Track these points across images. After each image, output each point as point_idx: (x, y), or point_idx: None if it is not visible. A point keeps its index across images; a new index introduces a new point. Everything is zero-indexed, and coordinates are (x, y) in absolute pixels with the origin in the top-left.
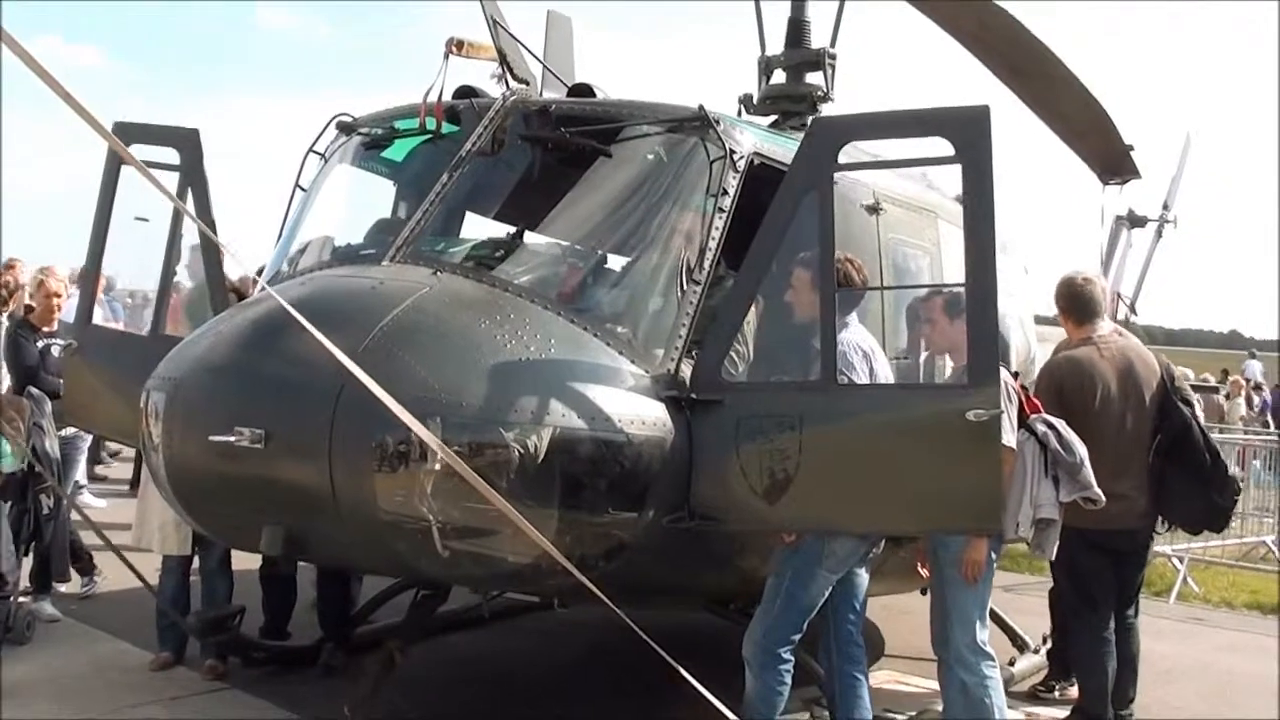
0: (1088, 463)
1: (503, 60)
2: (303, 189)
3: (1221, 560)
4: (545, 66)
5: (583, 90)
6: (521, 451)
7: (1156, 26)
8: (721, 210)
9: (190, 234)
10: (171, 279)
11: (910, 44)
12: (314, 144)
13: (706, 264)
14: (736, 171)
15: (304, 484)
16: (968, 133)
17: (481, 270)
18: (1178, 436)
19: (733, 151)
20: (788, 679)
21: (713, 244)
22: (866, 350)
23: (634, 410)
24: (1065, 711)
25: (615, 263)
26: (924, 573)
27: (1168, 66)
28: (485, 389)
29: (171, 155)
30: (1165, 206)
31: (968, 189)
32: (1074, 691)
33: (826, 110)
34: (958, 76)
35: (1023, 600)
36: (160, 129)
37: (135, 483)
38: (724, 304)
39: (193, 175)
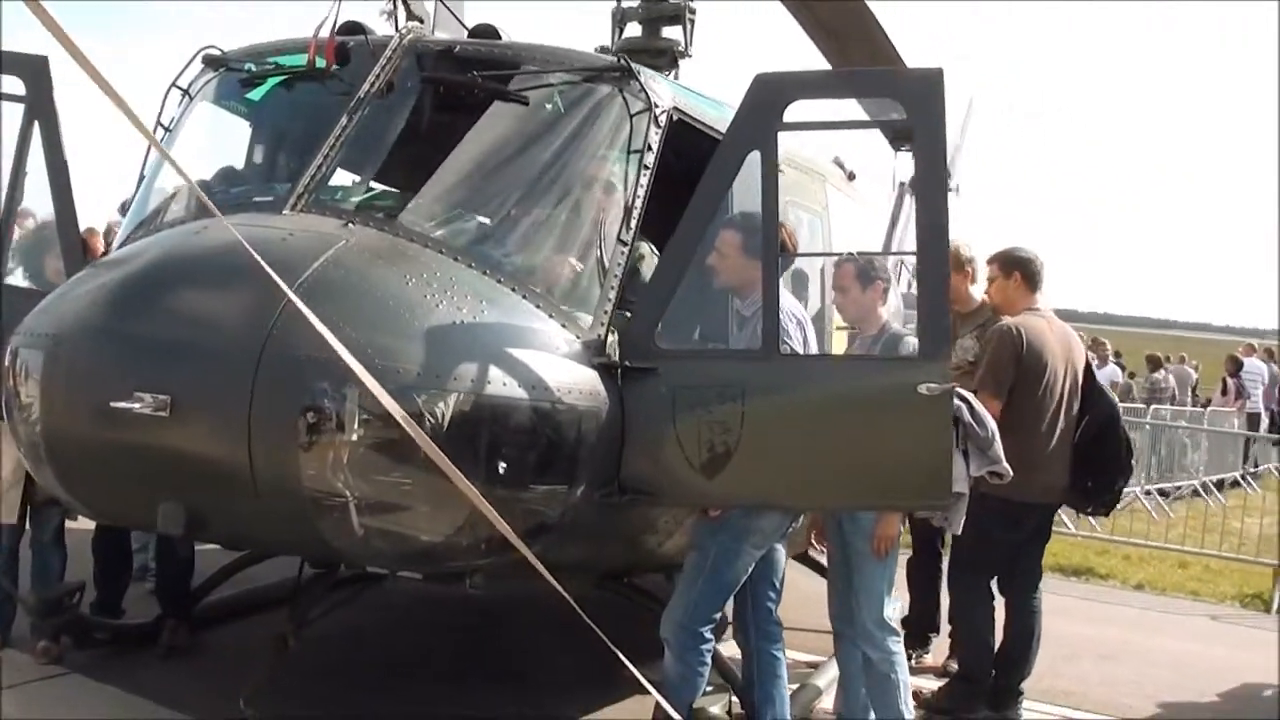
0: (998, 437)
1: None
2: (165, 128)
3: None
4: (444, 4)
5: (487, 32)
6: (459, 419)
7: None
8: (646, 167)
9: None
10: (12, 221)
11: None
12: (177, 78)
13: (633, 224)
14: (659, 127)
15: (215, 456)
16: (921, 95)
17: (394, 223)
18: (1104, 423)
19: (655, 105)
20: (709, 659)
21: (638, 203)
22: (800, 319)
23: (569, 378)
24: (937, 681)
25: (536, 219)
26: (818, 546)
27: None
28: (421, 352)
29: (16, 85)
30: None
31: (919, 154)
32: (930, 659)
33: (685, 67)
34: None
35: None
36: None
37: None
38: (660, 267)
39: (40, 107)
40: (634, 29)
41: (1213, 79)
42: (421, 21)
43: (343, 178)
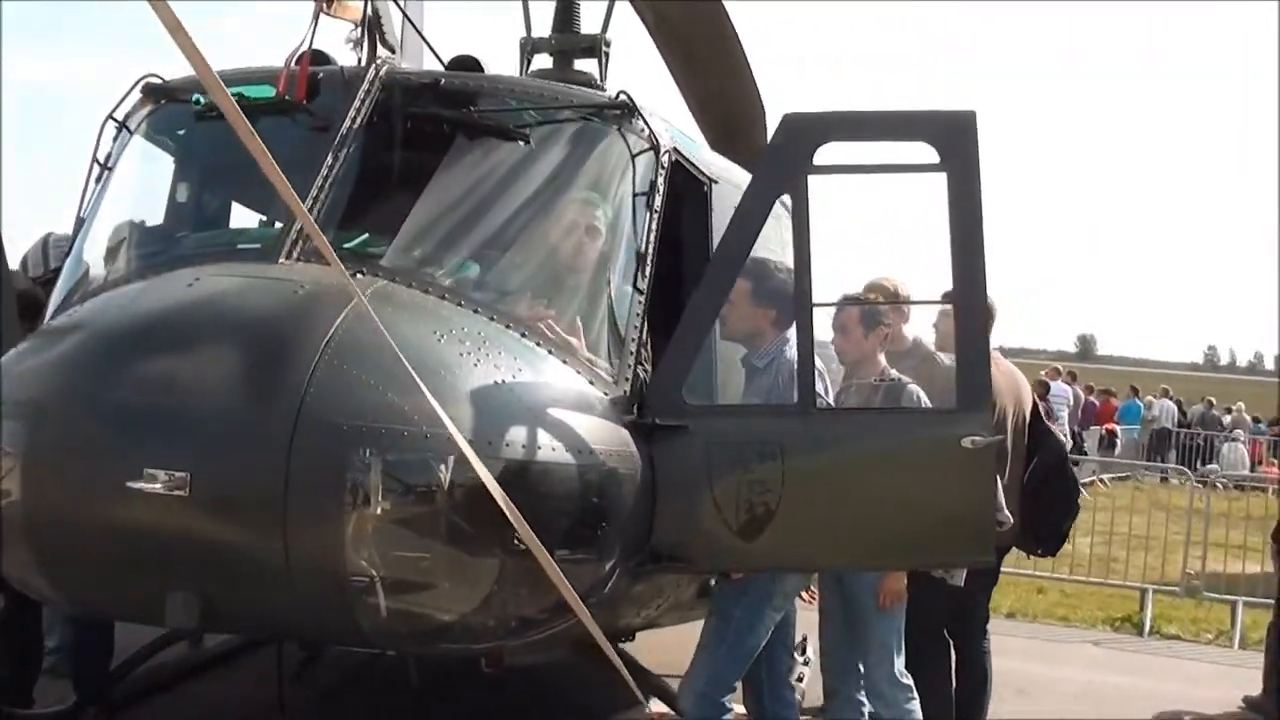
0: (1000, 485)
1: (375, 22)
2: (102, 165)
3: None
4: (419, 33)
5: (468, 64)
6: (512, 488)
7: None
8: (654, 210)
9: None
10: None
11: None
12: (114, 110)
13: (646, 272)
14: (663, 168)
15: (242, 540)
16: (953, 139)
17: (405, 273)
18: (1053, 464)
19: (659, 145)
20: None
21: (650, 249)
22: (819, 369)
23: (607, 439)
24: None
25: (551, 269)
26: (808, 599)
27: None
28: (468, 417)
29: None
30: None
31: (953, 200)
32: None
33: None
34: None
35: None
36: None
37: None
38: (685, 318)
39: None
40: (543, 60)
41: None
42: (393, 51)
43: (326, 222)
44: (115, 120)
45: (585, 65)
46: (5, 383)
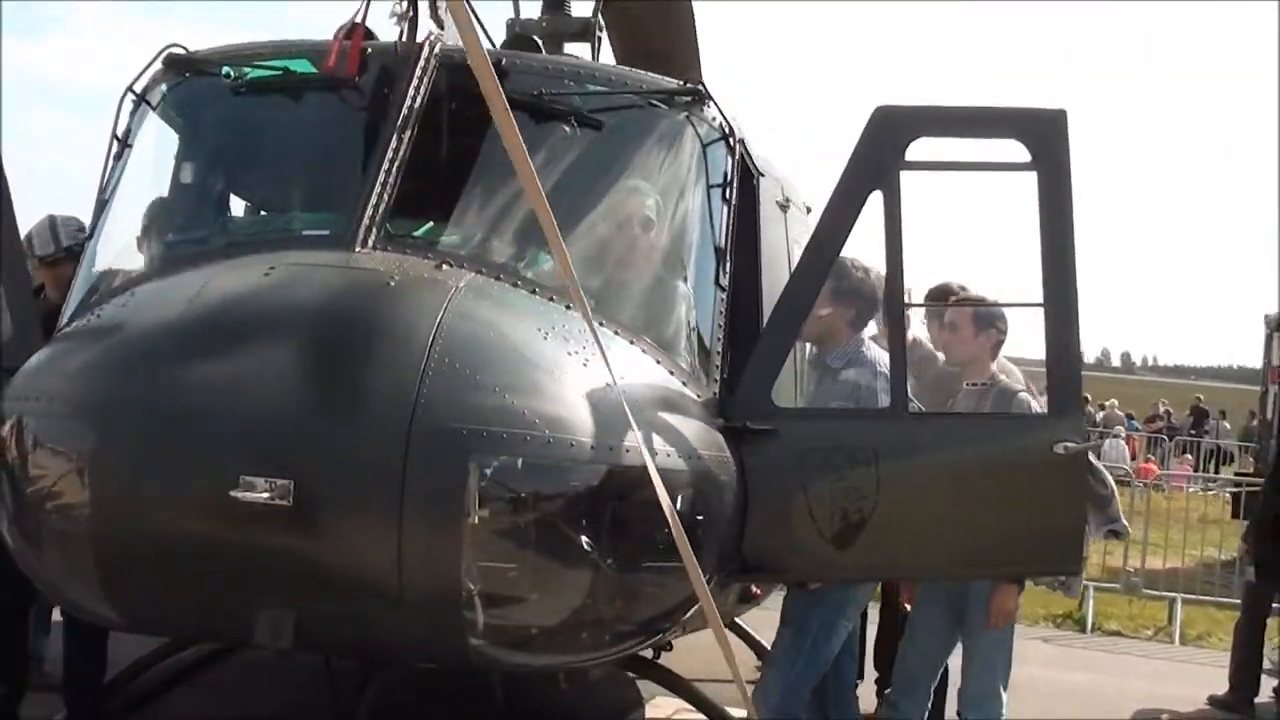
0: (1116, 495)
1: None
2: (121, 141)
3: None
4: (470, 8)
5: (524, 45)
6: (635, 495)
7: None
8: (729, 203)
9: None
10: None
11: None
12: (134, 82)
13: (727, 268)
14: (734, 159)
15: (349, 552)
16: (1044, 137)
17: (489, 265)
18: None
19: (730, 135)
20: None
21: (728, 244)
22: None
23: (709, 444)
24: None
25: (635, 264)
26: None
27: None
28: (589, 421)
29: None
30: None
31: (1043, 200)
32: None
33: None
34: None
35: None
36: None
37: None
38: (773, 319)
39: None
40: None
41: None
42: (442, 27)
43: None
44: (134, 93)
45: (576, 49)
46: (56, 380)
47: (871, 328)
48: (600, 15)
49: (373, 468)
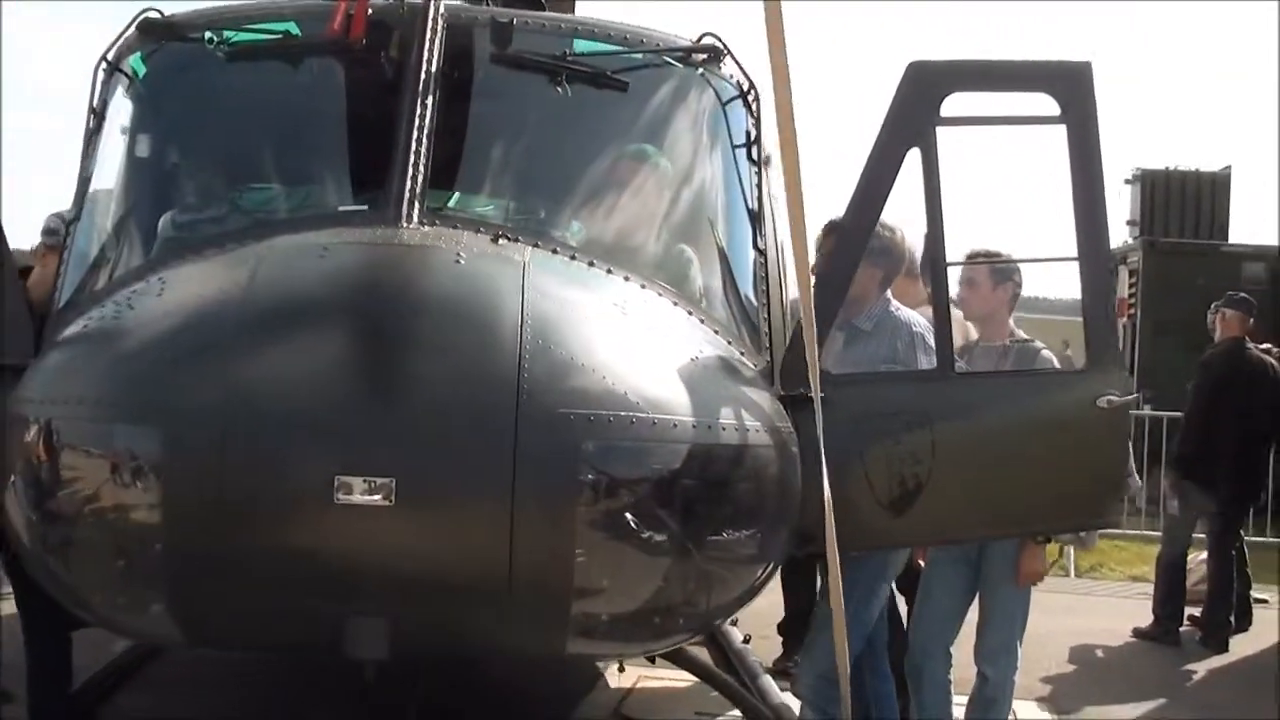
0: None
1: None
2: (96, 114)
3: None
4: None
5: (529, 2)
6: (734, 471)
7: None
8: (755, 163)
9: None
10: None
11: None
12: (108, 51)
13: (764, 232)
14: (756, 117)
15: (459, 550)
16: (1072, 89)
17: (541, 236)
18: None
19: (750, 91)
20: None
21: (765, 207)
22: (923, 331)
23: (776, 413)
24: None
25: (679, 232)
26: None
27: None
28: (685, 399)
29: None
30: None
31: (1073, 152)
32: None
33: None
34: None
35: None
36: None
37: None
38: (819, 282)
39: None
40: None
41: None
42: None
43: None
44: (108, 62)
45: None
46: (96, 380)
47: None
48: None
49: (481, 459)
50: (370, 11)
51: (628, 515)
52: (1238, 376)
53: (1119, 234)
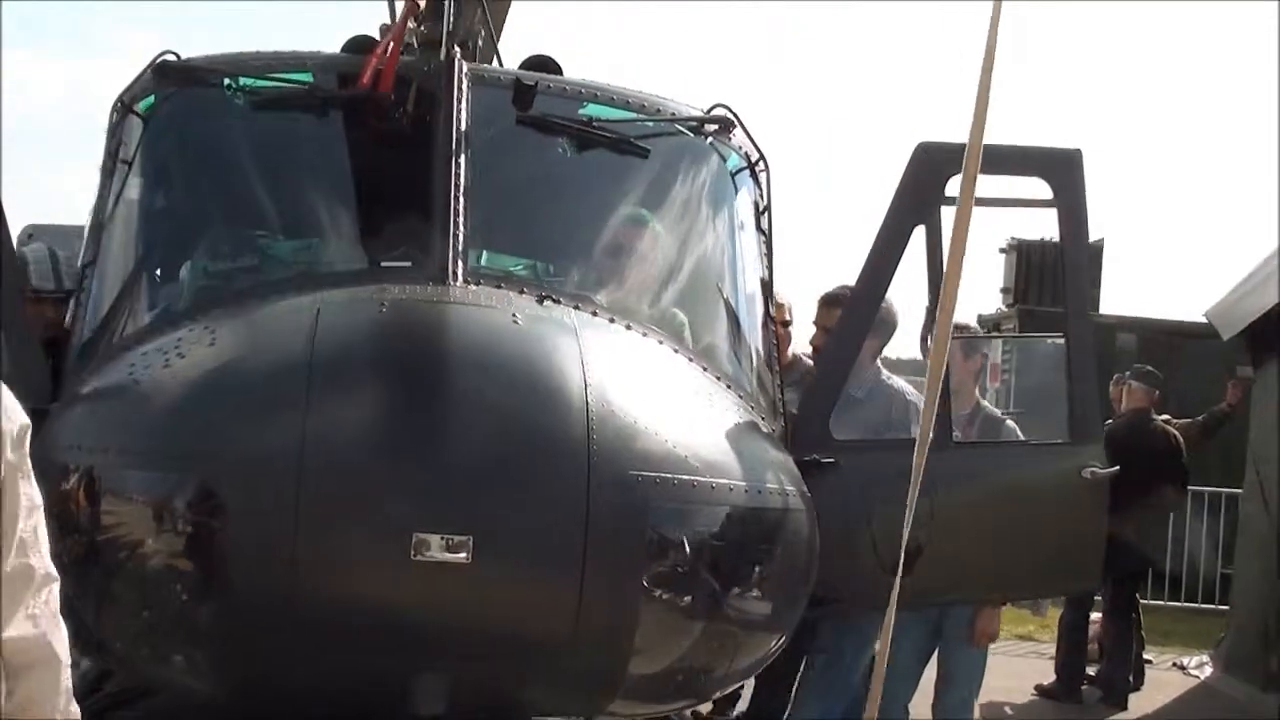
0: None
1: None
2: (115, 158)
3: None
4: (489, 26)
5: (544, 64)
6: (784, 535)
7: None
8: (764, 232)
9: None
10: None
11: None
12: (125, 93)
13: (773, 299)
14: (763, 187)
15: (530, 608)
16: (1062, 175)
17: (577, 297)
18: None
19: (759, 162)
20: None
21: (770, 275)
22: (913, 401)
23: (799, 478)
24: None
25: (700, 298)
26: None
27: None
28: (736, 464)
29: None
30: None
31: (1064, 233)
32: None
33: None
34: None
35: None
36: None
37: None
38: (826, 351)
39: None
40: None
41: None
42: (466, 46)
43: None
44: (124, 104)
45: None
46: (147, 430)
47: None
48: None
49: (554, 518)
50: (399, 67)
51: (686, 576)
52: (1141, 449)
53: (993, 302)
